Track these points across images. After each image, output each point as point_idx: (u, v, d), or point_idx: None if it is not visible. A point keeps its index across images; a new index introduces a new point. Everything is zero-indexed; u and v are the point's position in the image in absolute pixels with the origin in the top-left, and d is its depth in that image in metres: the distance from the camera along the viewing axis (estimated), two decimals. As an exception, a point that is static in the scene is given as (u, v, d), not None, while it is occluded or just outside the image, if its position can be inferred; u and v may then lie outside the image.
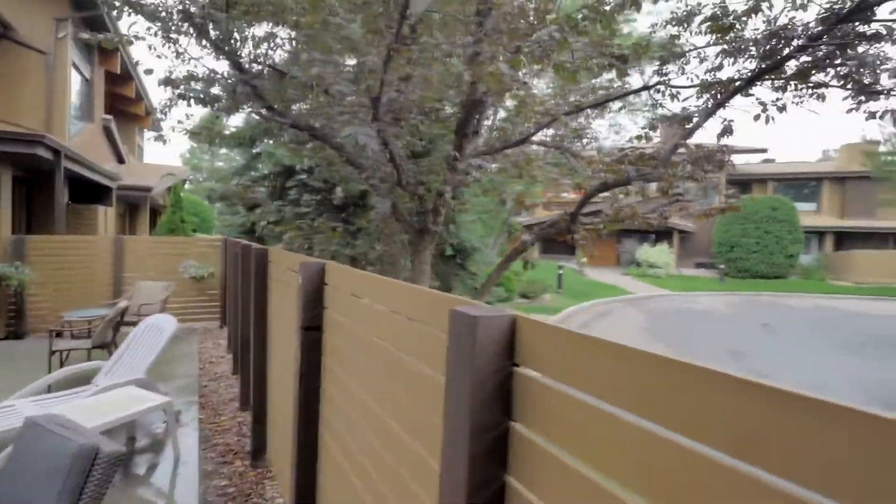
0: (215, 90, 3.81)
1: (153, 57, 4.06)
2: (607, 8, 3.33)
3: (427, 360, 1.26)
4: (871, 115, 3.10)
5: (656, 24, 4.30)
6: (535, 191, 14.37)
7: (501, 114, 5.76)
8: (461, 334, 0.97)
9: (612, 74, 4.35)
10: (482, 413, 0.94)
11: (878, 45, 2.83)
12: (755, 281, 20.24)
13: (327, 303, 2.18)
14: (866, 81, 2.92)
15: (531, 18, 3.53)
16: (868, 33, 2.61)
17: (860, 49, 2.72)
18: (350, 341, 1.90)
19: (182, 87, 3.56)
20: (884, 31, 2.58)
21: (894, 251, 20.58)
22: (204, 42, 3.32)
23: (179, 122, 4.90)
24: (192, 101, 3.55)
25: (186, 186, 21.22)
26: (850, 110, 3.25)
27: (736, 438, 0.57)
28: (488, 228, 14.81)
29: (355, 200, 6.29)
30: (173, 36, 3.50)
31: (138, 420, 3.77)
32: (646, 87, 3.56)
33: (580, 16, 3.36)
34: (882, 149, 10.47)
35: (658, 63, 3.66)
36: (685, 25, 3.22)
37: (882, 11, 2.59)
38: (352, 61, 4.51)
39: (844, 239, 23.61)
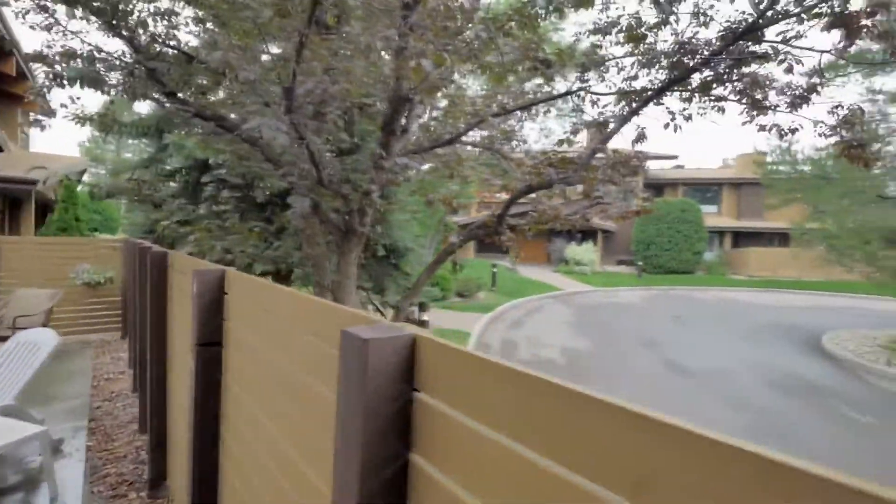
0: (106, 71, 3.31)
1: (25, 28, 3.46)
2: (532, 12, 3.37)
3: (326, 382, 1.13)
4: (762, 128, 3.43)
5: (580, 33, 4.48)
6: (468, 191, 14.54)
7: (436, 113, 5.70)
8: (352, 358, 0.85)
9: (541, 80, 4.46)
10: (377, 445, 0.82)
11: (766, 65, 3.13)
12: (668, 276, 22.13)
13: (228, 315, 1.94)
14: (757, 97, 3.22)
15: (458, 18, 3.48)
16: (759, 53, 2.88)
17: (753, 67, 3.00)
18: (252, 358, 1.70)
19: (58, 65, 3.04)
20: (771, 52, 2.86)
21: (778, 248, 23.52)
22: (83, 14, 2.86)
23: (63, 105, 4.23)
24: (69, 82, 3.04)
25: (85, 179, 18.87)
26: (744, 123, 3.57)
27: (633, 479, 0.51)
28: (424, 228, 14.75)
29: (274, 199, 5.89)
30: (47, 4, 2.98)
31: (6, 455, 3.20)
32: (569, 93, 3.67)
33: (506, 17, 3.36)
34: (768, 159, 11.89)
35: (580, 70, 3.79)
36: (604, 35, 3.35)
37: (771, 33, 2.88)
38: (277, 50, 4.19)
39: (740, 237, 26.62)
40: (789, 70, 2.94)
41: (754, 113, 3.49)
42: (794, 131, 3.16)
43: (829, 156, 10.30)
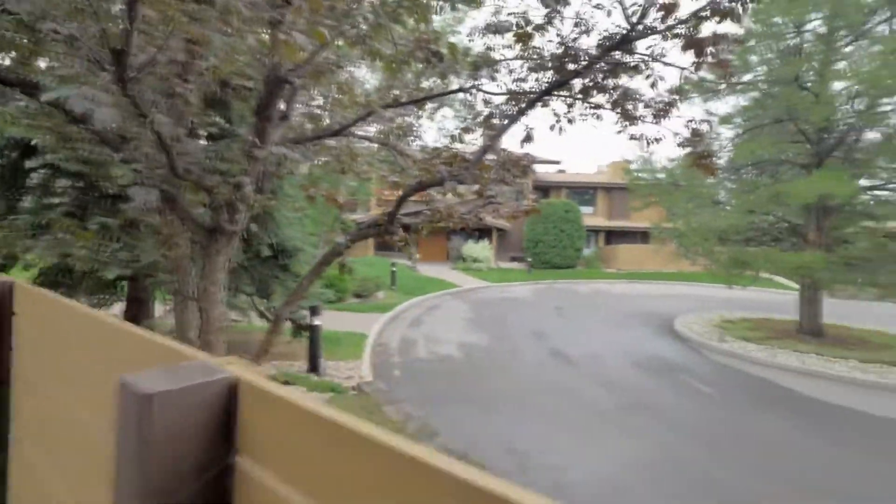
0: None
1: None
2: (424, 1, 3.23)
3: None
4: (632, 138, 3.75)
5: (473, 32, 4.49)
6: (367, 188, 14.09)
7: (323, 101, 5.27)
8: (130, 420, 0.58)
9: (436, 78, 4.36)
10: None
11: (636, 78, 3.43)
12: (554, 271, 24.11)
13: (17, 342, 1.45)
14: (629, 108, 3.52)
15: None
16: (631, 64, 3.14)
17: (625, 78, 3.26)
18: (47, 402, 1.27)
19: None
20: (642, 65, 3.14)
21: (641, 245, 27.07)
22: None
23: None
24: None
25: None
26: (618, 132, 3.89)
27: None
28: (318, 226, 13.92)
29: (116, 192, 4.92)
30: None
31: None
32: (461, 89, 3.63)
33: (396, 3, 3.18)
34: (632, 167, 13.55)
35: (472, 68, 3.77)
36: (494, 33, 3.38)
37: (641, 49, 3.16)
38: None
39: (612, 235, 30.16)
40: (654, 85, 3.26)
41: (626, 123, 3.80)
42: (658, 140, 3.53)
43: (678, 166, 12.03)
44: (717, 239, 11.59)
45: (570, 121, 3.60)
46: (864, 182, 9.95)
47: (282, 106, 4.11)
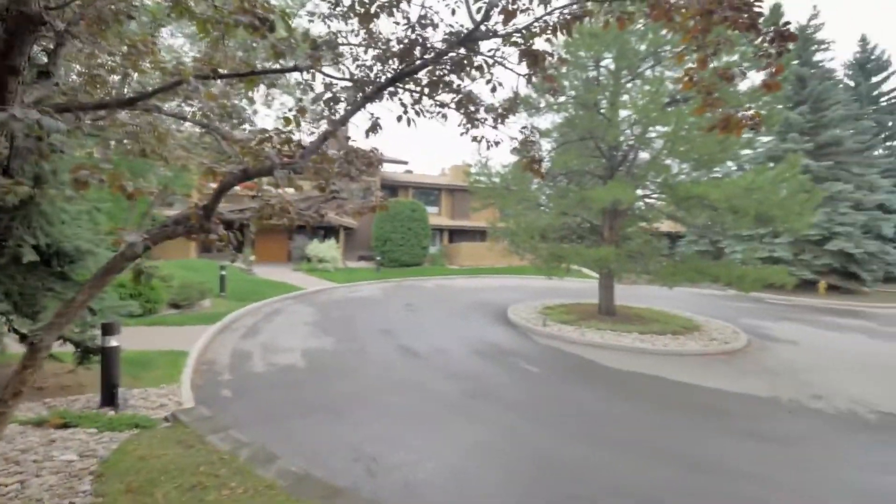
0: None
1: None
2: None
3: None
4: (474, 139, 3.88)
5: (315, 14, 4.06)
6: (186, 178, 11.94)
7: (108, 59, 4.13)
8: None
9: (272, 56, 3.80)
10: None
11: (478, 81, 3.53)
12: (402, 269, 24.52)
13: None
14: (472, 110, 3.62)
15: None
16: (476, 63, 3.22)
17: (468, 80, 3.34)
18: None
19: None
20: (485, 66, 3.25)
21: (480, 243, 29.60)
22: None
23: None
24: None
25: None
26: (462, 134, 3.98)
27: None
28: (118, 223, 11.26)
29: None
30: None
31: None
32: (296, 68, 3.21)
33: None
34: (472, 171, 14.60)
35: (311, 46, 3.39)
36: (336, 9, 3.08)
37: (484, 52, 3.26)
38: None
39: (454, 234, 32.22)
40: (494, 90, 3.42)
41: (469, 126, 3.91)
42: (497, 144, 3.72)
43: (510, 172, 13.39)
44: (539, 237, 13.30)
45: (417, 113, 3.53)
46: (639, 192, 12.60)
47: (43, 59, 3.06)
